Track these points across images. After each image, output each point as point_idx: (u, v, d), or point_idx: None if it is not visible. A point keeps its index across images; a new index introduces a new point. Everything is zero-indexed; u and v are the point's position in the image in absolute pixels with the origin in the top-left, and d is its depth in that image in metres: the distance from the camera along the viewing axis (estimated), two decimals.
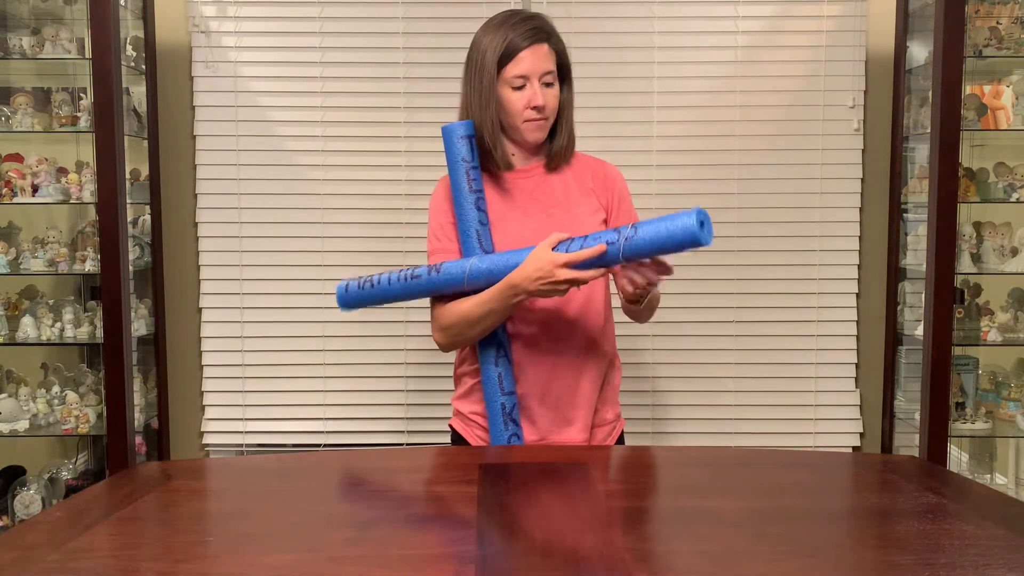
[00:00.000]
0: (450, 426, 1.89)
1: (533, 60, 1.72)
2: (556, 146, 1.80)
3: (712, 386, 2.84)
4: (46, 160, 2.58)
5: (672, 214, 1.50)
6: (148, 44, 2.75)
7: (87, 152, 2.59)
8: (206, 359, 2.86)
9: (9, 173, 2.54)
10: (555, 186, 1.81)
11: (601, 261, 1.56)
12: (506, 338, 1.75)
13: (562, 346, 1.76)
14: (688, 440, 2.84)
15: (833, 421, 2.86)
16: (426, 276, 1.72)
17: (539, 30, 1.73)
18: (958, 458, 2.72)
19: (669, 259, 1.56)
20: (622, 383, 1.90)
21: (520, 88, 1.73)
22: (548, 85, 1.74)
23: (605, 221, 1.81)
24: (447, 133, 1.77)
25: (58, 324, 2.58)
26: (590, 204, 1.80)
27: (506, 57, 1.73)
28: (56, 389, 2.62)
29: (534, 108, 1.73)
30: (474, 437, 1.82)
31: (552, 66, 1.74)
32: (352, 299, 1.82)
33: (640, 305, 1.68)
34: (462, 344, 1.79)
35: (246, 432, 2.85)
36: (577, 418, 1.77)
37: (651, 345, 2.83)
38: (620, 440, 1.88)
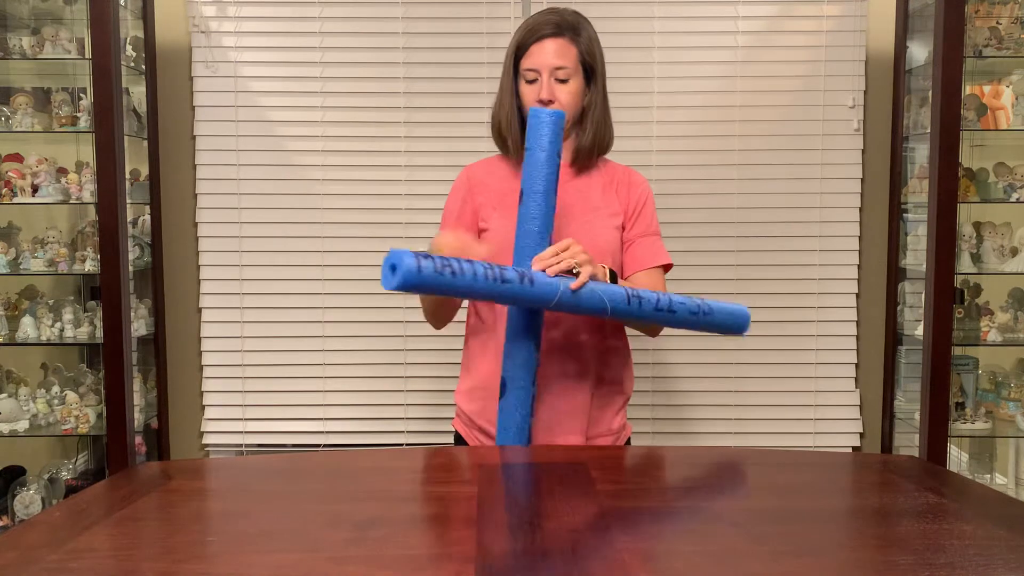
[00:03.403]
0: (453, 426, 1.89)
1: (544, 54, 1.72)
2: (578, 145, 1.79)
3: (712, 386, 2.84)
4: (46, 160, 2.58)
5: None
6: (148, 44, 2.75)
7: (87, 152, 2.59)
8: (206, 359, 2.86)
9: (9, 173, 2.54)
10: (579, 186, 1.80)
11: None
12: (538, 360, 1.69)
13: (557, 350, 1.75)
14: (688, 440, 2.84)
15: (833, 421, 2.86)
16: (517, 283, 1.48)
17: (559, 25, 1.73)
18: (958, 458, 2.72)
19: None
20: None
21: (532, 82, 1.74)
22: (562, 81, 1.73)
23: (622, 227, 1.79)
24: (545, 118, 1.63)
25: (58, 324, 2.58)
26: (611, 207, 1.79)
27: (521, 50, 1.74)
28: (56, 389, 2.62)
29: (540, 102, 1.73)
30: (475, 440, 1.82)
31: (567, 62, 1.72)
32: (420, 285, 1.40)
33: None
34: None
35: (246, 432, 2.85)
36: (570, 424, 1.77)
37: (651, 345, 2.83)
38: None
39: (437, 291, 1.44)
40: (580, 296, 1.53)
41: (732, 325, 1.75)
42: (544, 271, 1.53)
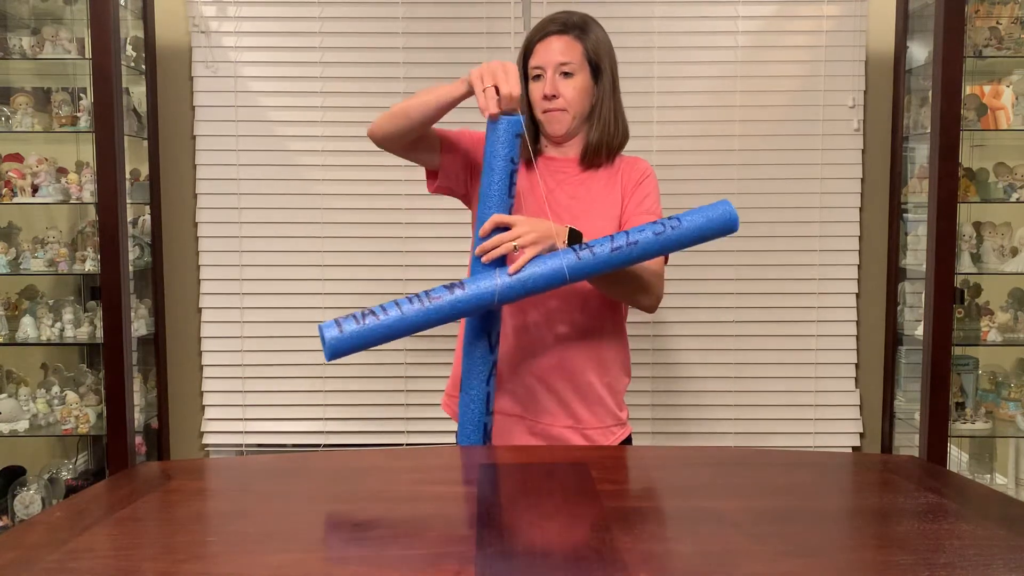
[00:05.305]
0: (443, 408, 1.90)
1: (549, 51, 1.74)
2: (586, 143, 1.79)
3: (712, 386, 2.84)
4: (46, 160, 2.58)
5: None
6: (148, 44, 2.75)
7: (87, 152, 2.59)
8: (206, 359, 2.86)
9: (9, 173, 2.54)
10: (584, 180, 1.79)
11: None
12: (496, 358, 1.70)
13: (539, 332, 1.75)
14: (688, 440, 2.84)
15: (833, 421, 2.86)
16: (448, 296, 1.45)
17: (565, 23, 1.75)
18: (958, 458, 2.72)
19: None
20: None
21: (538, 78, 1.75)
22: (567, 75, 1.74)
23: (620, 216, 1.78)
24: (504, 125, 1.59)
25: (58, 324, 2.58)
26: (612, 197, 1.78)
27: (528, 51, 1.77)
28: (56, 389, 2.62)
29: (544, 97, 1.73)
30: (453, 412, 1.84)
31: (571, 58, 1.74)
32: (351, 342, 1.44)
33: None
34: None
35: (246, 432, 2.85)
36: (561, 407, 1.77)
37: (651, 345, 2.83)
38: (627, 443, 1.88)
39: (373, 342, 1.44)
40: (525, 276, 1.49)
41: (714, 227, 1.55)
42: (480, 260, 1.53)
